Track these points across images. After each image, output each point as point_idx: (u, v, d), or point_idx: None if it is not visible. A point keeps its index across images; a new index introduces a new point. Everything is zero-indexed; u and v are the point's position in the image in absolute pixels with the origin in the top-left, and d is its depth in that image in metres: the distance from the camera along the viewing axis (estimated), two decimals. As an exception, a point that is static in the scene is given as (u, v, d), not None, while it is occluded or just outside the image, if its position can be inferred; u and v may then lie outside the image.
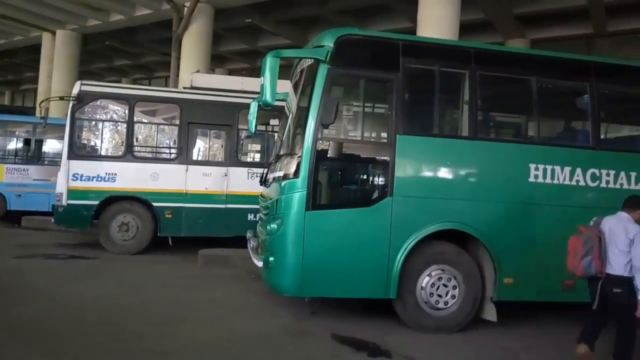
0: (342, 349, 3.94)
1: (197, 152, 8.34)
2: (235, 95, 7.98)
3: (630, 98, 5.27)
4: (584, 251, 3.68)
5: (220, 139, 8.47)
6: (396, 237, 4.38)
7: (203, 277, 6.36)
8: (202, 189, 7.76)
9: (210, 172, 7.86)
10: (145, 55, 21.46)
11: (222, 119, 7.95)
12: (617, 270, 3.57)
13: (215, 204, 7.77)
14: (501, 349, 4.17)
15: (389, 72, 4.55)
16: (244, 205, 7.68)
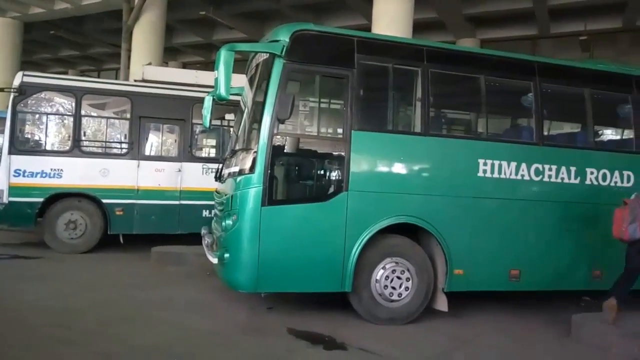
0: (297, 344, 3.96)
1: (149, 147, 8.10)
2: (189, 89, 7.81)
3: (570, 96, 5.56)
4: (631, 218, 4.32)
5: (174, 133, 8.28)
6: (351, 232, 4.44)
7: (156, 276, 6.20)
8: (154, 185, 7.56)
9: (163, 167, 7.67)
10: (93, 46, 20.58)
11: (175, 113, 7.76)
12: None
13: (168, 201, 7.58)
14: (451, 337, 4.32)
15: (344, 68, 4.59)
16: (198, 201, 7.54)
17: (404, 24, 9.12)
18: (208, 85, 6.68)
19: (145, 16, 12.44)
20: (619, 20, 12.30)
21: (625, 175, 5.24)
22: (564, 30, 13.17)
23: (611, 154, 5.46)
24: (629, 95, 5.47)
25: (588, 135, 5.49)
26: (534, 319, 5.04)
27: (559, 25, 13.08)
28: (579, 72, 5.51)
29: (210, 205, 6.69)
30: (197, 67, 17.93)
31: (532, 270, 4.94)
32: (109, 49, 19.38)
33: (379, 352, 3.82)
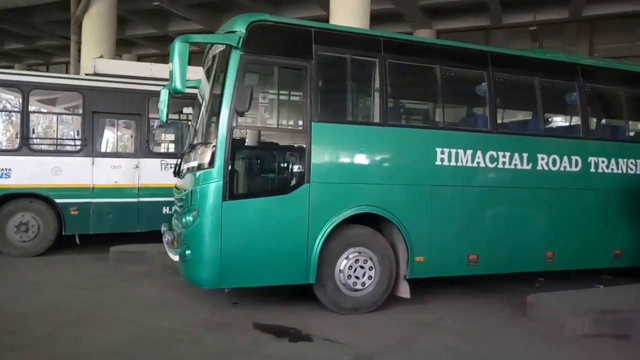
0: (263, 337, 3.95)
1: (104, 144, 7.82)
2: (145, 82, 7.57)
3: (521, 85, 5.74)
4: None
5: (130, 129, 8.02)
6: (314, 223, 4.46)
7: (115, 276, 6.03)
8: (111, 182, 7.31)
9: (120, 164, 7.42)
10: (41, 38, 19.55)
11: (130, 108, 7.52)
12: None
13: (126, 198, 7.36)
14: (414, 323, 4.42)
15: (302, 59, 4.57)
16: (158, 198, 7.36)
17: (361, 14, 9.15)
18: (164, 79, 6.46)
19: (94, 7, 11.94)
20: (566, 11, 12.79)
21: (574, 160, 5.48)
22: (515, 21, 13.58)
23: (560, 140, 5.69)
24: (575, 83, 5.70)
25: (539, 123, 5.70)
26: (492, 301, 5.23)
27: (511, 16, 13.47)
28: (529, 61, 5.70)
29: (170, 202, 6.55)
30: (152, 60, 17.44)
31: (489, 255, 5.11)
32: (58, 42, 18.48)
33: (344, 341, 3.87)
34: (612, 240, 5.65)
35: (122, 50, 19.05)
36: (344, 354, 3.59)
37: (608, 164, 5.63)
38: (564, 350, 3.87)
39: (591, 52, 12.98)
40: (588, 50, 13.19)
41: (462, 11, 13.80)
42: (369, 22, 9.33)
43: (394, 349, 3.79)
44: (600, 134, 6.20)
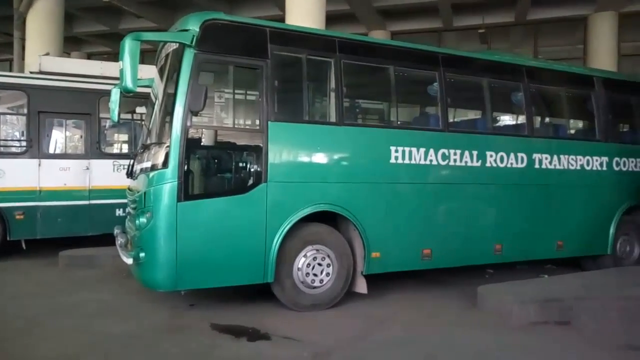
0: (221, 338, 3.92)
1: (52, 145, 7.50)
2: (95, 81, 7.33)
3: (471, 85, 5.98)
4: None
5: (80, 129, 7.72)
6: (272, 222, 4.47)
7: (66, 281, 5.80)
8: (60, 184, 7.03)
9: (69, 165, 7.15)
10: (-20, 34, 18.47)
11: (80, 107, 7.26)
12: None
13: (76, 201, 7.10)
14: (370, 318, 4.51)
15: (257, 58, 4.57)
16: (110, 200, 7.14)
17: (317, 15, 9.21)
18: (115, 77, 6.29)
19: (39, 2, 11.39)
20: (512, 15, 13.37)
21: (520, 157, 5.75)
22: (465, 24, 14.06)
23: (507, 137, 5.95)
24: (520, 84, 5.99)
25: (487, 121, 5.94)
26: (445, 293, 5.41)
27: (461, 18, 13.93)
28: (478, 62, 5.93)
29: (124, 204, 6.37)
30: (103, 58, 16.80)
31: (442, 249, 5.29)
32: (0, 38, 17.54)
33: (302, 339, 3.91)
34: (554, 232, 5.97)
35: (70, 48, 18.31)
36: (303, 351, 3.62)
37: (551, 160, 5.94)
38: (511, 337, 4.06)
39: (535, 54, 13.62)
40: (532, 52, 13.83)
41: (415, 13, 14.15)
42: (324, 23, 9.41)
43: (350, 343, 3.87)
44: (543, 132, 6.53)
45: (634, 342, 3.96)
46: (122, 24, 16.31)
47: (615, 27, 12.52)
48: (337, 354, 3.63)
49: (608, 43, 12.49)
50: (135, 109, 7.62)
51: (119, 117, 5.51)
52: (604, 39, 12.52)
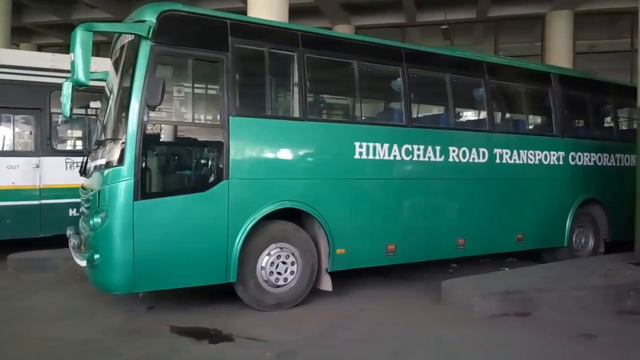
0: (181, 341, 3.78)
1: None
2: (45, 74, 6.95)
3: (434, 81, 6.01)
4: None
5: (29, 125, 7.31)
6: (234, 220, 4.35)
7: (16, 286, 5.49)
8: (7, 184, 6.64)
9: (17, 163, 6.76)
10: None
11: (29, 102, 6.87)
12: None
13: (26, 201, 6.72)
14: (335, 315, 4.47)
15: (218, 51, 4.43)
16: (62, 199, 6.80)
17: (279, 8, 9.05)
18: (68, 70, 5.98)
19: (-16, -10, 10.76)
20: (474, 12, 13.61)
21: (481, 152, 5.84)
22: (428, 20, 14.21)
23: (469, 133, 6.03)
24: (482, 80, 6.07)
25: (450, 117, 5.99)
26: (410, 288, 5.45)
27: (424, 14, 14.07)
28: (440, 58, 5.97)
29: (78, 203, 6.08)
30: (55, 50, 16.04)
31: (407, 244, 5.30)
32: (-59, 28, 16.44)
33: (266, 339, 3.82)
34: (515, 226, 6.10)
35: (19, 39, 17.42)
36: (267, 351, 3.54)
37: (511, 155, 6.07)
38: (474, 329, 4.11)
39: (496, 51, 13.93)
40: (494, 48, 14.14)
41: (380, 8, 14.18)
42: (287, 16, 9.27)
43: (316, 342, 3.81)
44: (504, 127, 6.65)
45: (589, 330, 4.09)
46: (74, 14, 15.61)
47: (570, 26, 12.95)
48: (302, 352, 3.57)
49: (564, 41, 12.91)
50: (89, 103, 7.29)
51: (72, 112, 5.22)
52: (560, 37, 12.93)
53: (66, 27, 16.76)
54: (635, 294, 4.75)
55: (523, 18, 13.81)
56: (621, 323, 4.39)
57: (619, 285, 4.88)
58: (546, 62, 11.96)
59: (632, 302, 4.73)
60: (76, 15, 15.51)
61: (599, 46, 14.42)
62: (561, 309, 4.56)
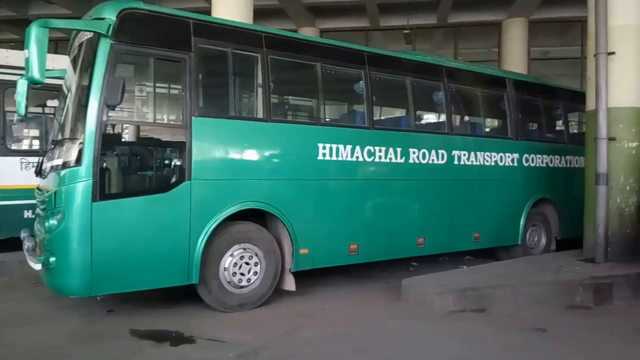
0: (141, 345, 3.73)
1: (-54, 141, 6.76)
2: (0, 71, 6.69)
3: (395, 84, 6.16)
4: None
5: (-19, 123, 7.01)
6: (196, 221, 4.33)
7: (-36, 291, 5.26)
8: (-43, 185, 6.35)
9: (-31, 164, 6.48)
10: None
11: (-20, 99, 6.59)
12: None
13: (-22, 202, 6.45)
14: (299, 315, 4.51)
15: (180, 51, 4.40)
16: (17, 201, 6.54)
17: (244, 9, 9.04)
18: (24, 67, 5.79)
19: None
20: (435, 17, 13.98)
21: (440, 154, 6.02)
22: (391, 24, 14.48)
23: (429, 135, 6.21)
24: (441, 83, 6.26)
25: (410, 119, 6.15)
26: (371, 287, 5.56)
27: (387, 19, 14.33)
28: (402, 62, 6.12)
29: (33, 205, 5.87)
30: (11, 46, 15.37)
31: (368, 243, 5.41)
32: None
33: (229, 340, 3.82)
34: (472, 225, 6.33)
35: (-30, 33, 16.59)
36: (228, 353, 3.54)
37: (469, 156, 6.29)
38: (432, 326, 4.25)
39: (456, 56, 14.34)
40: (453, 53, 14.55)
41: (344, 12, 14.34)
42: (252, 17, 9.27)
43: (278, 342, 3.84)
44: (462, 130, 6.88)
45: (540, 324, 4.30)
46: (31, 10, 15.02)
47: (525, 33, 13.49)
48: (264, 353, 3.59)
49: (519, 47, 13.44)
50: (46, 102, 7.06)
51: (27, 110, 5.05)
52: (516, 44, 13.46)
53: (22, 23, 16.09)
54: (584, 289, 5.01)
55: (481, 24, 14.28)
56: (570, 316, 4.63)
57: (569, 280, 5.13)
58: (502, 68, 12.41)
59: (581, 297, 4.99)
60: (33, 11, 14.93)
61: (552, 53, 15.08)
62: (515, 304, 4.77)
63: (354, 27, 14.75)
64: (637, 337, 4.09)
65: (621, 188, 5.83)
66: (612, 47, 5.78)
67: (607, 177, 5.79)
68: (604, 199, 5.80)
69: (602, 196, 5.80)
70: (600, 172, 5.81)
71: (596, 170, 5.84)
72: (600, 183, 5.81)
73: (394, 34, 14.74)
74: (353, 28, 14.81)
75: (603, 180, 5.80)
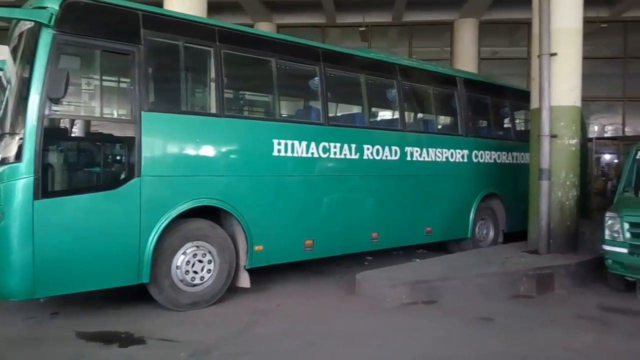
0: (88, 347, 3.61)
1: None
2: None
3: (350, 81, 6.21)
4: None
5: None
6: (147, 219, 4.22)
7: None
8: None
9: None
10: None
11: None
12: None
13: None
14: (253, 312, 4.49)
15: (129, 43, 4.27)
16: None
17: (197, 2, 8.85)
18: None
19: None
20: (390, 16, 14.18)
21: (394, 150, 6.14)
22: (347, 21, 14.57)
23: (383, 132, 6.32)
24: (394, 81, 6.38)
25: (365, 116, 6.23)
26: (327, 282, 5.62)
27: (343, 16, 14.41)
28: (356, 59, 6.19)
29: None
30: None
31: (324, 239, 5.45)
32: None
33: (181, 339, 3.76)
34: (424, 219, 6.50)
35: None
36: (180, 352, 3.48)
37: (421, 153, 6.44)
38: (385, 318, 4.35)
39: (410, 54, 14.62)
40: (408, 52, 14.83)
41: (301, 7, 14.30)
42: (206, 10, 9.09)
43: (231, 339, 3.81)
44: (415, 127, 7.04)
45: (487, 314, 4.48)
46: (-32, -4, 14.07)
47: (476, 33, 13.93)
48: (217, 351, 3.56)
49: (470, 47, 13.87)
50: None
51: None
52: (467, 43, 13.88)
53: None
54: (527, 279, 5.26)
55: (434, 24, 14.63)
56: (515, 306, 4.85)
57: (514, 271, 5.37)
58: (454, 67, 12.77)
59: (525, 287, 5.24)
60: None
61: (501, 53, 15.66)
62: (464, 296, 4.94)
63: (311, 23, 14.75)
64: (575, 323, 4.34)
65: (562, 183, 6.16)
66: (555, 49, 6.08)
67: (549, 172, 6.10)
68: (547, 193, 6.10)
69: (544, 191, 6.10)
70: (543, 168, 6.11)
71: (539, 166, 6.14)
72: (543, 178, 6.11)
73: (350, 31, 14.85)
74: (310, 24, 14.80)
75: (546, 176, 6.11)
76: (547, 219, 6.10)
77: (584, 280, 5.59)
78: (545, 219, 6.10)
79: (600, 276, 5.59)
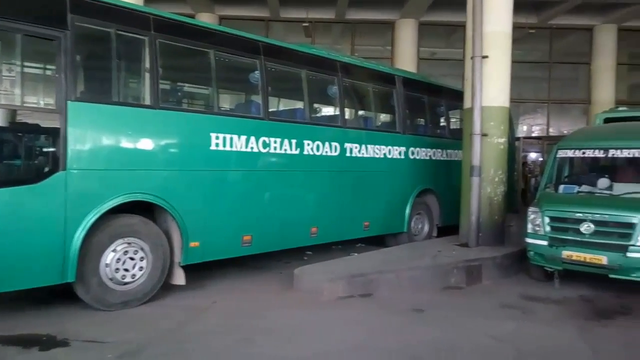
0: (5, 352, 3.37)
1: None
2: None
3: (291, 76, 6.20)
4: None
5: None
6: (73, 215, 4.01)
7: None
8: None
9: None
10: None
11: None
12: None
13: None
14: (188, 309, 4.39)
15: (54, 29, 4.01)
16: None
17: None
18: None
19: None
20: (333, 12, 14.28)
21: (334, 146, 6.21)
22: (290, 16, 14.52)
23: (323, 128, 6.35)
24: (335, 78, 6.44)
25: (305, 111, 6.24)
26: (265, 277, 5.60)
27: (287, 10, 14.34)
28: (298, 54, 6.17)
29: None
30: None
31: (262, 234, 5.42)
32: None
33: (109, 340, 3.60)
34: (362, 214, 6.64)
35: None
36: (108, 354, 3.34)
37: (360, 149, 6.56)
38: (321, 312, 4.40)
39: (353, 52, 14.80)
40: (350, 49, 15.01)
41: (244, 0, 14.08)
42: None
43: (163, 338, 3.70)
44: (354, 124, 7.16)
45: (419, 305, 4.66)
46: None
47: (415, 34, 14.34)
48: (147, 351, 3.44)
49: (410, 47, 14.27)
50: None
51: None
52: (407, 43, 14.26)
53: None
54: (458, 271, 5.51)
55: (376, 23, 14.90)
56: (446, 297, 5.07)
57: (445, 264, 5.60)
58: (395, 66, 13.08)
59: (455, 279, 5.48)
60: None
61: (439, 54, 16.22)
62: (398, 288, 5.10)
63: (254, 16, 14.55)
64: (499, 312, 4.61)
65: (491, 179, 6.49)
66: (486, 51, 6.38)
67: (480, 169, 6.41)
68: (477, 189, 6.42)
69: (475, 187, 6.42)
70: (474, 165, 6.42)
71: (471, 163, 6.44)
72: (474, 175, 6.42)
73: (294, 27, 14.80)
74: (253, 17, 14.60)
75: (476, 172, 6.42)
76: (477, 213, 6.41)
77: (509, 271, 5.94)
78: (475, 213, 6.41)
79: (523, 267, 5.96)
